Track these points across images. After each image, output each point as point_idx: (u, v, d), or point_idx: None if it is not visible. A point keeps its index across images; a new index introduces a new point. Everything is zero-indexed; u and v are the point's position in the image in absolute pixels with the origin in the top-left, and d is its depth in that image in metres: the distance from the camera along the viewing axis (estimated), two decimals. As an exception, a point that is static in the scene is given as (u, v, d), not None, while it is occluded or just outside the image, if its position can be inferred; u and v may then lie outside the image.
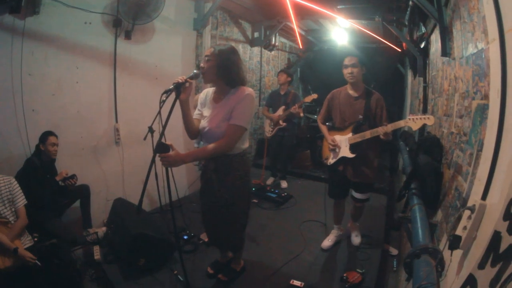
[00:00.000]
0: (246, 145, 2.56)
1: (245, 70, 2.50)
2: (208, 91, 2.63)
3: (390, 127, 2.82)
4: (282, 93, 5.43)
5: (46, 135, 3.09)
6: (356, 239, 3.60)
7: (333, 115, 3.33)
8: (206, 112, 2.53)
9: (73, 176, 3.26)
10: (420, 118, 2.67)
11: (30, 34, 3.02)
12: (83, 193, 3.49)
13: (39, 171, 3.04)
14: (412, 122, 2.69)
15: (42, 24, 3.10)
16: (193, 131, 2.51)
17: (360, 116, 3.10)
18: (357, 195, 3.36)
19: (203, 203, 2.78)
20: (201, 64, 2.39)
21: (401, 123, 2.79)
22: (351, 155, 3.12)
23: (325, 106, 3.39)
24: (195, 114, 2.59)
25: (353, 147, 3.12)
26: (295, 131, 5.65)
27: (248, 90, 2.40)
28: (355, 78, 3.10)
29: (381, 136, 2.88)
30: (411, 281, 1.53)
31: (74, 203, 3.48)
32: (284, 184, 5.75)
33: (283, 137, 5.44)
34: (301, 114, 5.35)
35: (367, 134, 2.98)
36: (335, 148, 3.21)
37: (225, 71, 2.37)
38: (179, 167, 2.22)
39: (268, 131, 5.55)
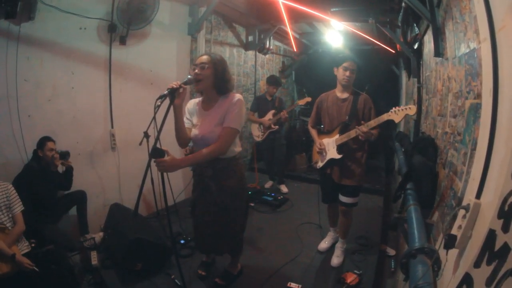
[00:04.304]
0: (239, 148, 2.62)
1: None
2: (195, 101, 2.66)
3: (373, 123, 2.81)
4: (269, 98, 5.50)
5: (43, 141, 3.09)
6: (335, 260, 3.36)
7: (322, 118, 3.34)
8: (196, 120, 2.56)
9: (65, 155, 3.25)
10: (402, 109, 2.68)
11: (26, 40, 3.02)
12: (80, 198, 3.47)
13: (38, 173, 3.05)
14: (394, 114, 2.70)
15: (37, 30, 3.10)
16: (184, 138, 2.51)
17: (346, 117, 3.11)
18: (342, 198, 3.24)
19: (199, 214, 2.75)
20: (196, 71, 2.38)
21: (384, 117, 2.77)
22: (338, 156, 3.11)
23: (314, 110, 3.41)
24: (185, 123, 2.58)
25: (340, 148, 3.11)
26: (283, 132, 5.69)
27: (238, 95, 2.50)
28: (350, 82, 3.12)
29: (363, 134, 2.85)
30: (409, 281, 1.53)
31: (71, 209, 3.47)
32: (284, 189, 5.74)
33: (274, 139, 5.49)
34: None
35: (352, 133, 2.97)
36: (322, 151, 3.22)
37: (221, 80, 2.44)
38: (176, 172, 2.23)
39: (258, 135, 5.56)
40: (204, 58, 2.41)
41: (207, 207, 2.63)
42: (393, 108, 2.72)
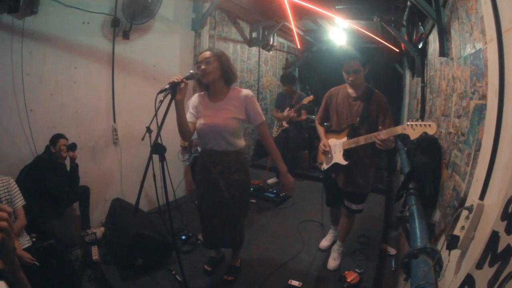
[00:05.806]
0: (244, 142, 2.69)
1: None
2: (199, 95, 2.67)
3: (384, 134, 2.43)
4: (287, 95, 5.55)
5: (56, 138, 3.13)
6: (332, 262, 3.21)
7: (330, 115, 3.08)
8: (204, 112, 2.56)
9: (72, 147, 3.25)
10: (420, 125, 2.22)
11: (29, 34, 3.01)
12: (83, 194, 3.49)
13: (49, 165, 3.07)
14: (411, 129, 2.26)
15: (40, 24, 3.08)
16: (188, 132, 2.50)
17: (357, 119, 2.81)
18: (347, 202, 3.05)
19: (206, 210, 2.76)
20: (202, 66, 2.40)
21: (398, 130, 2.38)
22: (344, 162, 2.82)
23: (322, 105, 3.17)
24: (188, 117, 2.57)
25: (347, 153, 2.83)
26: (299, 132, 5.68)
27: (248, 90, 2.61)
28: (357, 82, 2.81)
29: (377, 145, 2.50)
30: (409, 281, 1.53)
31: (73, 204, 3.48)
32: None
33: (287, 138, 5.50)
34: (304, 117, 5.44)
35: (361, 140, 2.66)
36: (327, 152, 3.00)
37: (228, 70, 2.51)
38: (177, 168, 2.24)
39: (274, 131, 5.68)
40: (207, 53, 2.44)
41: (215, 202, 2.66)
42: (410, 121, 2.29)
